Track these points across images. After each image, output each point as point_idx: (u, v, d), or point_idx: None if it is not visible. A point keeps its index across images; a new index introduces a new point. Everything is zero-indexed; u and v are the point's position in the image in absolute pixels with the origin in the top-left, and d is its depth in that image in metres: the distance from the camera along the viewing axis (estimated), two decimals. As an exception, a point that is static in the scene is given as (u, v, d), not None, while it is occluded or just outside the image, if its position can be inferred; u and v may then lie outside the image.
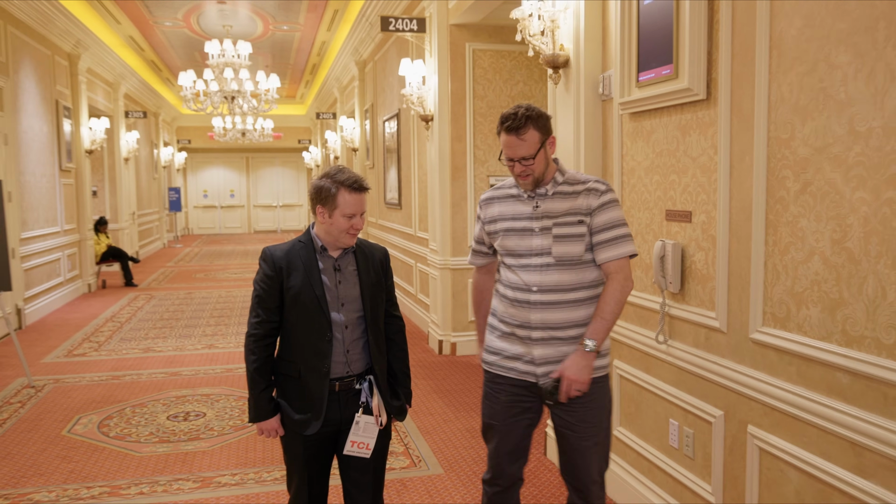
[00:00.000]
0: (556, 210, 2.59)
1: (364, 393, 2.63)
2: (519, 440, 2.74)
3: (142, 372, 6.52)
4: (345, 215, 2.51)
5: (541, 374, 2.60)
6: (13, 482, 4.10)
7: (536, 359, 2.60)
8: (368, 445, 2.61)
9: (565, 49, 3.91)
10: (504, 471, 2.76)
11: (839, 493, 2.29)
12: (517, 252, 2.62)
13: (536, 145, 2.54)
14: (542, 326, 2.58)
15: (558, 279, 2.57)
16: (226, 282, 12.72)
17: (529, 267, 2.59)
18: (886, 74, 2.07)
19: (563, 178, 2.63)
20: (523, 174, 2.57)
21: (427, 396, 5.65)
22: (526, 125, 2.52)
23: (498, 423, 2.73)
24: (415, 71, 7.14)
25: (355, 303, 2.61)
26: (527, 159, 2.54)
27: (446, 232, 6.97)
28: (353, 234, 2.56)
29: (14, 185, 8.47)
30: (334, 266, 2.61)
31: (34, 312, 9.08)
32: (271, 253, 2.59)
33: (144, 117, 15.56)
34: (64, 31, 10.41)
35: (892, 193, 2.07)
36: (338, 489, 2.92)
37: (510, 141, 2.55)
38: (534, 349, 2.60)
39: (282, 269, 2.55)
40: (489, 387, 2.76)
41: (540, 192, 2.62)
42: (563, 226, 2.57)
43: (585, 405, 2.62)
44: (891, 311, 2.09)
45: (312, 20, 11.59)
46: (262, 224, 25.97)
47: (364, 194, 2.55)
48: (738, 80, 2.71)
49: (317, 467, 2.68)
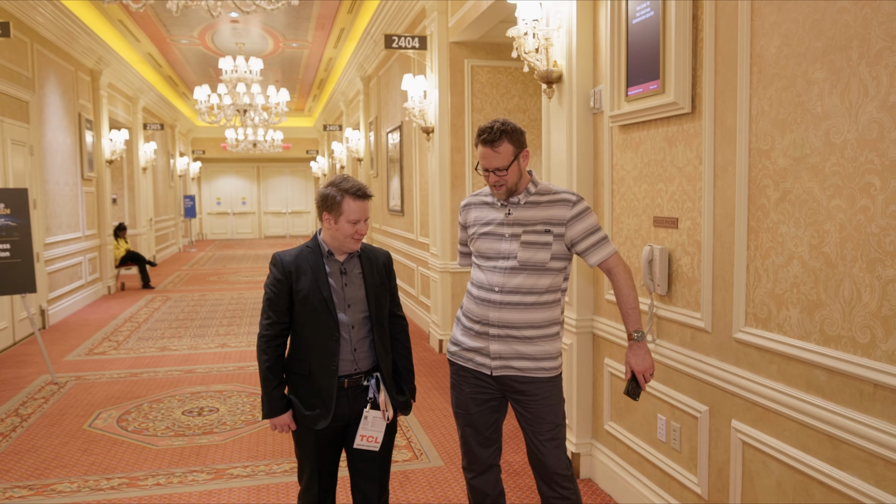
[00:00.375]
0: (527, 218, 2.63)
1: (371, 389, 2.63)
2: (485, 427, 2.77)
3: (158, 369, 6.51)
4: (349, 221, 2.52)
5: (494, 367, 2.65)
6: (37, 474, 4.10)
7: (492, 353, 2.65)
8: (377, 439, 2.62)
9: (558, 65, 3.92)
10: (476, 456, 2.80)
11: (818, 483, 2.29)
12: (487, 254, 2.67)
13: (510, 157, 2.57)
14: (499, 324, 2.63)
15: (520, 282, 2.60)
16: (238, 284, 12.71)
17: (496, 269, 2.64)
18: (860, 90, 2.08)
19: (535, 188, 2.68)
20: (497, 184, 2.61)
21: (428, 393, 5.65)
22: (500, 139, 2.56)
23: (463, 411, 2.79)
24: (416, 86, 7.16)
25: (361, 304, 2.62)
26: (500, 170, 2.58)
27: (446, 237, 6.97)
28: (357, 238, 2.56)
29: (39, 193, 8.47)
30: (340, 270, 2.61)
31: (57, 313, 9.08)
32: (281, 258, 2.60)
33: (161, 129, 15.56)
34: (87, 48, 10.42)
35: (866, 201, 2.07)
36: (345, 480, 2.92)
37: (486, 152, 2.59)
38: (490, 344, 2.65)
39: (291, 273, 2.55)
40: (454, 377, 2.83)
41: (513, 201, 2.66)
42: (531, 233, 2.61)
43: (539, 402, 2.66)
44: (865, 311, 2.10)
45: (320, 38, 11.61)
46: (272, 230, 25.95)
47: (367, 201, 2.56)
48: (721, 95, 2.71)
49: (327, 460, 2.68)
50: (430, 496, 3.76)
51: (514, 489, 3.81)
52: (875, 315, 2.06)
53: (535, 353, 2.64)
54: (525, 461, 4.11)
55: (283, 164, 25.35)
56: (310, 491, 2.69)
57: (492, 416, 2.78)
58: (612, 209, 3.62)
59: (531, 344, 2.63)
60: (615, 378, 3.65)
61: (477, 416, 2.76)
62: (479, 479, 2.84)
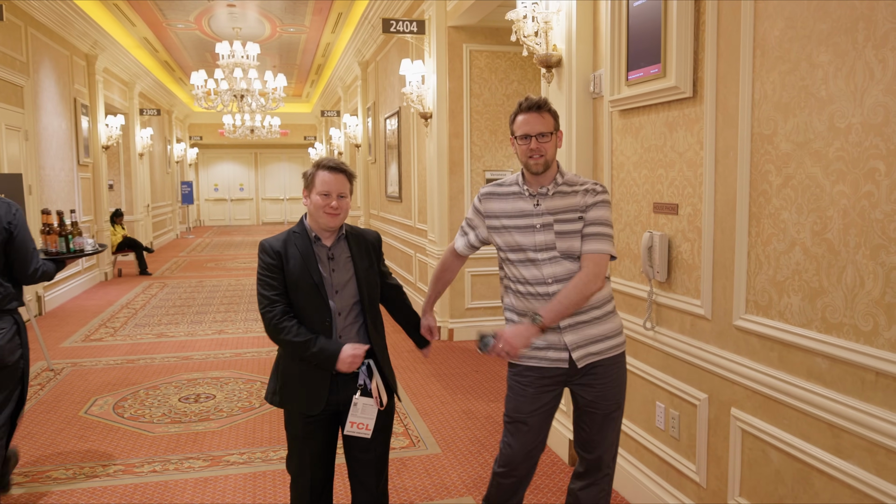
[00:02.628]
0: (556, 207, 2.57)
1: (362, 375, 2.60)
2: (540, 429, 2.69)
3: (155, 356, 6.49)
4: (320, 193, 2.49)
5: (577, 357, 2.57)
6: (33, 461, 4.08)
7: (569, 344, 2.58)
8: (368, 426, 2.58)
9: (558, 49, 3.87)
10: (524, 462, 2.70)
11: (818, 472, 2.27)
12: (522, 247, 2.58)
13: (552, 127, 2.56)
14: None
15: (569, 268, 2.54)
16: (235, 271, 12.68)
17: (538, 261, 2.56)
18: (865, 73, 2.04)
19: (562, 179, 2.61)
20: (537, 152, 2.53)
21: (426, 380, 5.63)
22: (545, 106, 2.56)
23: (525, 416, 2.66)
24: (415, 71, 7.10)
25: (350, 289, 2.58)
26: (544, 135, 2.53)
27: (444, 224, 6.94)
28: (329, 213, 2.50)
29: (34, 179, 8.42)
30: (328, 255, 2.58)
31: (53, 300, 9.04)
32: (269, 244, 2.56)
33: (158, 115, 15.46)
34: (82, 32, 10.33)
35: (870, 187, 2.04)
36: (344, 468, 2.90)
37: (530, 118, 2.55)
38: (564, 336, 2.58)
39: (280, 255, 2.52)
40: (516, 380, 2.69)
41: (541, 192, 2.59)
42: (563, 222, 2.55)
43: (608, 382, 2.62)
44: (868, 299, 2.07)
45: (318, 22, 11.52)
46: (269, 216, 25.90)
47: (341, 175, 2.52)
48: (724, 79, 2.67)
49: (317, 447, 2.64)
50: (427, 483, 3.75)
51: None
52: (878, 302, 2.04)
53: (606, 332, 2.60)
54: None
55: (280, 150, 25.25)
56: (302, 476, 2.66)
57: (549, 420, 2.70)
58: (612, 195, 3.58)
59: (600, 323, 2.60)
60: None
61: (544, 415, 2.67)
62: (519, 482, 2.74)
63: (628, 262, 3.44)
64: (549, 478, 3.78)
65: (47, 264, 3.56)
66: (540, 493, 3.61)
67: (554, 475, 3.81)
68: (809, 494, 2.32)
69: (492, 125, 6.96)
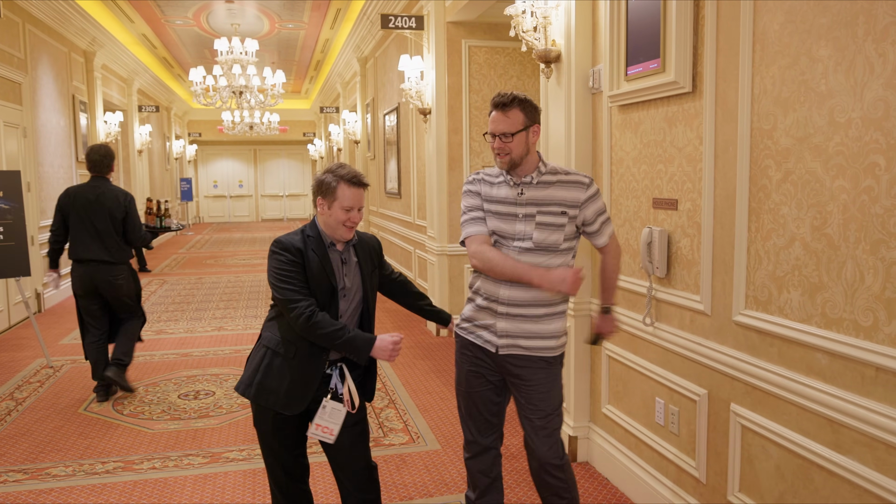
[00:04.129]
0: (540, 199, 2.59)
1: (334, 378, 2.58)
2: (484, 406, 2.76)
3: (154, 353, 6.49)
4: (343, 208, 2.49)
5: (501, 344, 2.63)
6: (32, 457, 4.08)
7: (499, 331, 2.63)
8: (333, 431, 2.51)
9: (557, 44, 3.85)
10: (473, 435, 2.80)
11: (817, 467, 2.27)
12: (502, 234, 2.62)
13: (518, 126, 2.55)
14: (508, 302, 2.60)
15: (532, 261, 2.56)
16: (234, 267, 12.67)
17: (508, 249, 2.60)
18: (865, 67, 2.03)
19: (545, 168, 2.64)
20: (501, 151, 2.57)
21: (425, 376, 5.63)
22: (512, 104, 2.55)
23: (463, 387, 2.78)
24: (413, 67, 7.08)
25: (357, 293, 2.62)
26: (506, 135, 2.54)
27: (443, 220, 6.92)
28: (349, 226, 2.53)
29: (33, 176, 8.41)
30: (341, 259, 2.59)
31: (53, 297, 9.04)
32: (290, 242, 2.50)
33: (157, 111, 15.44)
34: (80, 29, 10.30)
35: (870, 182, 2.03)
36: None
37: (495, 116, 2.59)
38: (498, 321, 2.63)
39: (302, 254, 2.49)
40: (458, 353, 2.82)
41: (525, 181, 2.61)
42: (546, 214, 2.57)
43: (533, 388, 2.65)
44: (868, 294, 2.06)
45: (316, 19, 11.49)
46: (269, 213, 25.89)
47: (362, 189, 2.53)
48: (723, 74, 2.66)
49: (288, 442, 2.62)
50: (427, 479, 3.75)
51: (509, 472, 3.79)
52: (878, 298, 2.03)
53: (541, 332, 2.62)
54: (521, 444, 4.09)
55: (279, 146, 25.23)
56: (272, 474, 2.67)
57: (493, 397, 2.76)
58: (611, 191, 3.57)
59: (539, 322, 2.61)
60: (613, 361, 3.62)
61: (477, 395, 2.75)
62: (475, 460, 2.83)
63: (628, 257, 3.43)
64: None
65: (147, 234, 5.29)
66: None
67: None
68: (809, 490, 2.31)
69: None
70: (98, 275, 4.94)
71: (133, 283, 5.15)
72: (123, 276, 5.03)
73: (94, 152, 5.08)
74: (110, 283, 4.96)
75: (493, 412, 2.79)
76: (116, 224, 4.97)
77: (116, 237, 4.98)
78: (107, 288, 4.97)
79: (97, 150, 5.10)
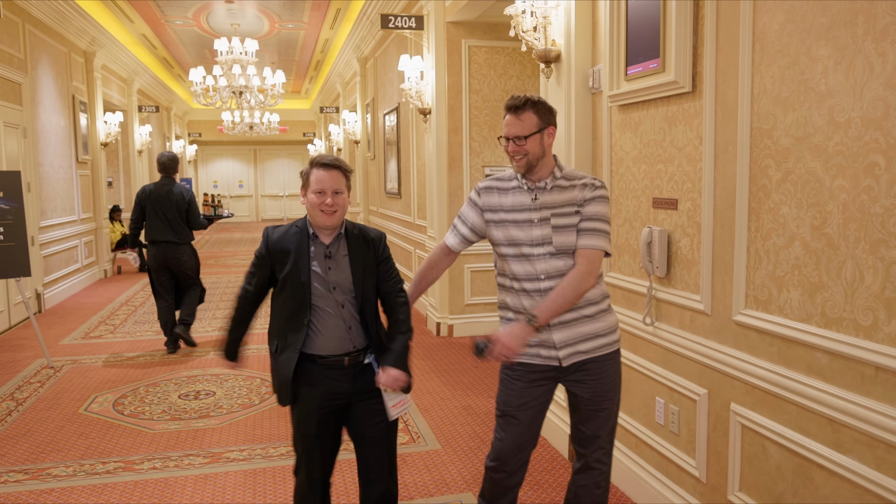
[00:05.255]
0: (554, 202, 2.54)
1: (374, 364, 2.61)
2: (531, 424, 2.66)
3: (155, 353, 6.49)
4: (314, 191, 2.48)
5: (563, 356, 2.55)
6: (33, 458, 4.08)
7: (557, 343, 2.55)
8: (404, 401, 2.62)
9: (557, 44, 3.86)
10: (514, 456, 2.67)
11: (817, 467, 2.27)
12: (519, 242, 2.56)
13: (532, 129, 2.49)
14: None
15: (562, 265, 2.52)
16: (234, 267, 12.67)
17: (533, 256, 2.54)
18: (865, 67, 2.03)
19: (561, 173, 2.58)
20: (516, 154, 2.52)
21: (425, 376, 5.63)
22: (525, 107, 2.50)
23: (514, 409, 2.64)
24: (413, 67, 7.08)
25: (347, 286, 2.57)
26: (519, 139, 2.50)
27: (443, 219, 6.93)
28: (325, 211, 2.49)
29: (33, 177, 8.41)
30: (325, 253, 2.56)
31: (53, 297, 9.04)
32: (270, 234, 2.61)
33: (157, 112, 15.43)
34: (80, 29, 10.30)
35: (870, 181, 2.03)
36: (348, 464, 2.89)
37: (508, 120, 2.53)
38: (553, 334, 2.55)
39: (273, 251, 2.56)
40: (506, 374, 2.68)
41: (539, 186, 2.56)
42: (560, 216, 2.52)
43: (601, 380, 2.60)
44: (868, 293, 2.06)
45: (316, 19, 11.49)
46: (269, 213, 25.90)
47: (336, 171, 2.50)
48: (723, 73, 2.66)
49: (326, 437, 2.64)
50: (427, 479, 3.75)
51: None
52: (878, 297, 2.03)
53: (598, 330, 2.57)
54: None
55: (279, 146, 25.23)
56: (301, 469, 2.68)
57: (540, 415, 2.68)
58: (611, 191, 3.58)
59: (594, 321, 2.57)
60: (613, 361, 3.62)
61: (526, 415, 2.64)
62: (510, 478, 2.71)
63: (628, 257, 3.43)
64: (549, 473, 3.78)
65: (204, 221, 6.66)
66: (540, 489, 3.61)
67: (554, 471, 3.81)
68: (809, 489, 2.32)
69: (491, 121, 6.95)
70: (168, 252, 6.34)
71: (194, 260, 6.54)
72: (187, 254, 6.44)
73: (165, 157, 6.45)
74: (177, 258, 6.35)
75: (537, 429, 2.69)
76: (182, 213, 6.33)
77: (182, 223, 6.35)
78: (174, 263, 6.37)
79: (167, 155, 6.49)
